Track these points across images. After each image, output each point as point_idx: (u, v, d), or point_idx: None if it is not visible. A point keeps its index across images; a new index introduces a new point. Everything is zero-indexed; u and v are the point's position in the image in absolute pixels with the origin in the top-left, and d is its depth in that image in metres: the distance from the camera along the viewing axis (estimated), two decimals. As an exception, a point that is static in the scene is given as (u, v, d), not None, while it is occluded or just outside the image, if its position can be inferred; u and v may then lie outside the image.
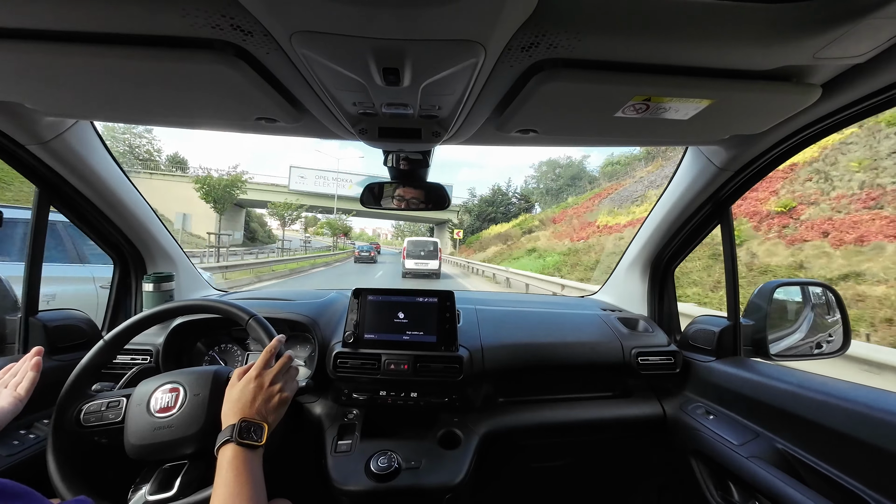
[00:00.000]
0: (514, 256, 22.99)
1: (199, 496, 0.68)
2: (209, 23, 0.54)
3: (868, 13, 0.50)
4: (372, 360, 1.11)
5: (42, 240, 1.10)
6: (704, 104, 0.71)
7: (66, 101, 0.82)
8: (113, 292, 1.42)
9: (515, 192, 43.91)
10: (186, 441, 0.74)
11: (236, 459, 0.61)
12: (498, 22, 0.50)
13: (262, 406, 0.69)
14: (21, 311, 1.07)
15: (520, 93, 0.71)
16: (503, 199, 42.42)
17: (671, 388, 1.28)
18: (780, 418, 0.93)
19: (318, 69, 0.62)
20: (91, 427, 0.79)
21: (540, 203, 42.01)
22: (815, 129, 0.86)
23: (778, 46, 0.57)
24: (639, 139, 0.99)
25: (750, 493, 0.91)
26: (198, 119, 0.90)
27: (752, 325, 1.18)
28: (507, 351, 1.22)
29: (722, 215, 1.18)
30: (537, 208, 41.26)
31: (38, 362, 0.82)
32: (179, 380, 0.81)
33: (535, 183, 46.00)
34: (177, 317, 1.20)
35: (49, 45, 0.59)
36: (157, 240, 1.42)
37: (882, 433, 0.73)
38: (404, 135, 0.89)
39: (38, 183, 1.07)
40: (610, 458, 1.37)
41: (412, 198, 1.21)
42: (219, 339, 1.33)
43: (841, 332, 1.13)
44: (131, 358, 1.18)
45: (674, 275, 1.45)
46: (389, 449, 1.01)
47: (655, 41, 0.57)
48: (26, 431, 0.93)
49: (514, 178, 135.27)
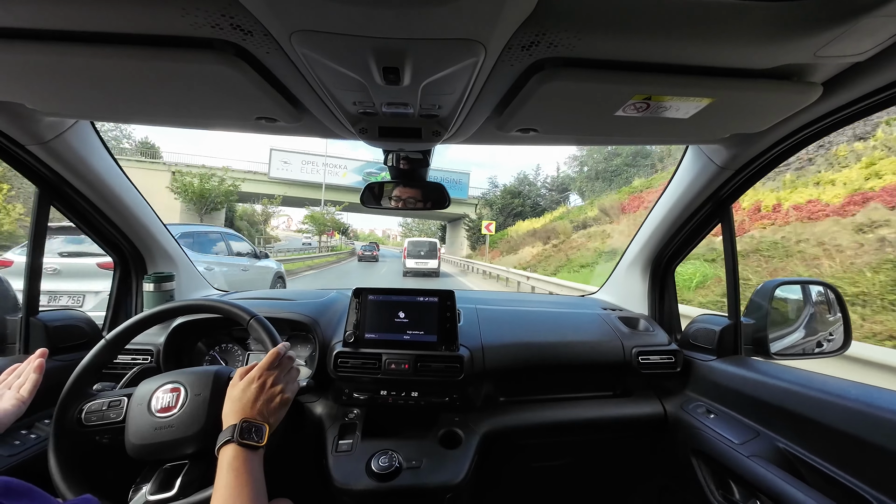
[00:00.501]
0: (578, 263, 14.95)
1: (199, 496, 0.68)
2: (209, 22, 0.54)
3: (868, 11, 0.50)
4: (372, 360, 1.11)
5: (42, 240, 1.10)
6: (705, 103, 0.71)
7: (66, 102, 0.82)
8: (113, 292, 1.42)
9: (545, 182, 36.97)
10: (187, 441, 0.74)
11: (237, 460, 0.61)
12: (498, 21, 0.49)
13: (264, 407, 0.69)
14: (22, 311, 1.07)
15: (520, 92, 0.71)
16: (531, 190, 35.37)
17: (672, 387, 1.28)
18: (781, 417, 0.93)
19: (318, 68, 0.62)
20: (92, 427, 0.79)
21: (585, 191, 33.13)
22: (816, 127, 0.86)
23: (778, 45, 0.57)
24: (639, 138, 0.99)
25: (751, 492, 0.91)
26: (198, 119, 0.90)
27: (752, 323, 1.18)
28: (508, 350, 1.22)
29: (723, 214, 1.18)
30: (574, 198, 33.89)
31: (41, 364, 0.82)
32: (180, 380, 0.81)
33: (577, 167, 35.70)
34: (177, 317, 1.20)
35: (49, 45, 0.59)
36: (158, 240, 1.43)
37: (883, 431, 0.72)
38: (404, 134, 0.89)
39: (38, 183, 1.07)
40: (610, 457, 1.37)
41: (412, 197, 1.21)
42: (220, 339, 1.33)
43: (842, 330, 1.13)
44: (132, 358, 1.18)
45: (674, 274, 1.45)
46: (390, 448, 1.01)
47: (655, 40, 0.57)
48: (27, 431, 0.93)
49: (544, 168, 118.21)
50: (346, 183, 34.24)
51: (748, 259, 7.85)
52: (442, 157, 25.35)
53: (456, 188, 34.68)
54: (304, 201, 32.48)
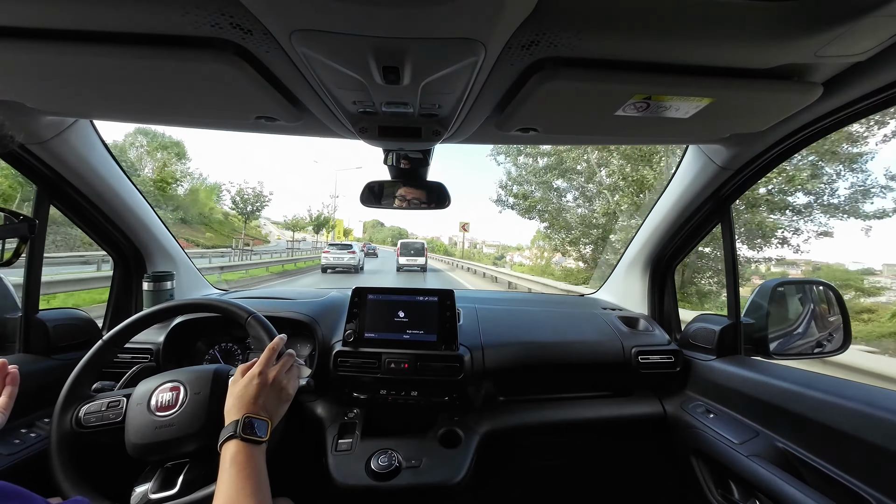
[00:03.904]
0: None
1: (201, 493, 0.68)
2: (209, 21, 0.54)
3: (869, 11, 0.49)
4: (372, 360, 1.11)
5: (42, 239, 1.10)
6: (705, 103, 0.71)
7: (66, 100, 0.82)
8: (113, 291, 1.42)
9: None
10: (188, 439, 0.74)
11: (240, 455, 0.61)
12: (498, 20, 0.49)
13: (266, 403, 0.69)
14: (21, 309, 1.07)
15: (520, 91, 0.71)
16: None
17: (671, 386, 1.28)
18: (780, 417, 0.93)
19: (317, 68, 0.61)
20: (91, 427, 0.79)
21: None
22: (816, 127, 0.86)
23: (779, 44, 0.56)
24: (639, 138, 0.99)
25: (750, 492, 0.91)
26: (197, 118, 0.90)
27: (752, 323, 1.18)
28: (508, 350, 1.22)
29: (722, 214, 1.18)
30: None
31: (14, 375, 0.75)
32: (180, 378, 0.81)
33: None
34: (177, 316, 1.20)
35: (49, 43, 0.59)
36: (157, 239, 1.42)
37: (882, 432, 0.72)
38: (404, 133, 0.89)
39: (37, 182, 1.07)
40: (610, 456, 1.38)
41: (413, 197, 1.20)
42: (219, 338, 1.33)
43: (841, 331, 1.13)
44: (132, 357, 1.18)
45: (674, 274, 1.45)
46: (390, 448, 1.01)
47: (656, 39, 0.57)
48: (27, 430, 0.93)
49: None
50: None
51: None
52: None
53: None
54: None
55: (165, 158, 21.65)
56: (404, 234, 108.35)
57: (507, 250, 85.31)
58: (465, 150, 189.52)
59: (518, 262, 49.70)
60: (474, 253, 77.46)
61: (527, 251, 36.65)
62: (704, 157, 1.10)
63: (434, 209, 1.22)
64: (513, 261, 66.92)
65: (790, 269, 14.34)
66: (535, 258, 25.95)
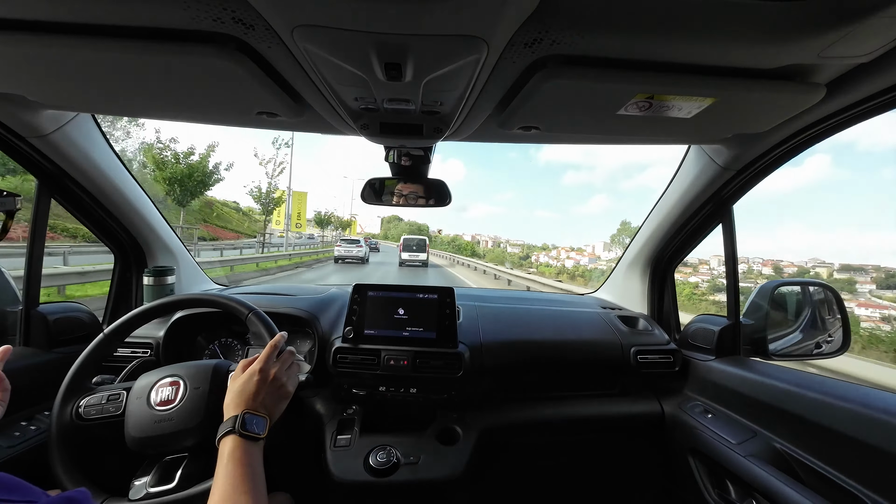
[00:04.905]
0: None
1: (199, 488, 0.68)
2: (211, 16, 0.54)
3: (874, 12, 0.49)
4: (372, 356, 1.11)
5: (42, 233, 1.10)
6: (708, 102, 0.71)
7: (67, 94, 0.82)
8: (113, 286, 1.42)
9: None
10: (187, 433, 0.75)
11: (238, 451, 0.61)
12: (501, 18, 0.49)
13: (266, 399, 0.69)
14: (22, 303, 1.08)
15: (522, 89, 0.71)
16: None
17: (670, 386, 1.28)
18: (778, 417, 0.93)
19: (319, 63, 0.61)
20: (91, 420, 0.79)
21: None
22: (819, 128, 0.85)
23: (782, 45, 0.56)
24: (641, 137, 0.99)
25: (747, 492, 0.92)
26: (198, 113, 0.90)
27: (751, 324, 1.18)
28: (507, 348, 1.22)
29: (723, 215, 1.18)
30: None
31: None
32: (180, 373, 0.81)
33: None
34: (177, 310, 1.20)
35: (50, 37, 0.59)
36: (158, 233, 1.43)
37: (880, 433, 0.73)
38: (406, 131, 0.89)
39: (38, 175, 1.07)
40: (608, 455, 1.38)
41: (413, 193, 1.20)
42: (219, 333, 1.33)
43: (840, 332, 1.13)
44: (132, 351, 1.18)
45: (674, 274, 1.45)
46: (388, 444, 1.01)
47: (659, 38, 0.57)
48: (27, 423, 0.93)
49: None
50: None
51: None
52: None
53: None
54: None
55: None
56: (424, 229, 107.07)
57: (533, 250, 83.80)
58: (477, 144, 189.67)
59: (544, 262, 49.21)
60: (497, 252, 76.95)
61: (553, 251, 37.69)
62: (706, 158, 1.10)
63: (434, 206, 1.22)
64: (538, 261, 65.99)
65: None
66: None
